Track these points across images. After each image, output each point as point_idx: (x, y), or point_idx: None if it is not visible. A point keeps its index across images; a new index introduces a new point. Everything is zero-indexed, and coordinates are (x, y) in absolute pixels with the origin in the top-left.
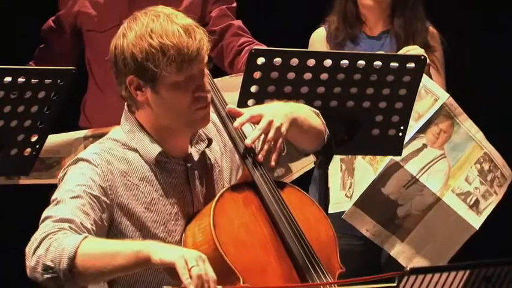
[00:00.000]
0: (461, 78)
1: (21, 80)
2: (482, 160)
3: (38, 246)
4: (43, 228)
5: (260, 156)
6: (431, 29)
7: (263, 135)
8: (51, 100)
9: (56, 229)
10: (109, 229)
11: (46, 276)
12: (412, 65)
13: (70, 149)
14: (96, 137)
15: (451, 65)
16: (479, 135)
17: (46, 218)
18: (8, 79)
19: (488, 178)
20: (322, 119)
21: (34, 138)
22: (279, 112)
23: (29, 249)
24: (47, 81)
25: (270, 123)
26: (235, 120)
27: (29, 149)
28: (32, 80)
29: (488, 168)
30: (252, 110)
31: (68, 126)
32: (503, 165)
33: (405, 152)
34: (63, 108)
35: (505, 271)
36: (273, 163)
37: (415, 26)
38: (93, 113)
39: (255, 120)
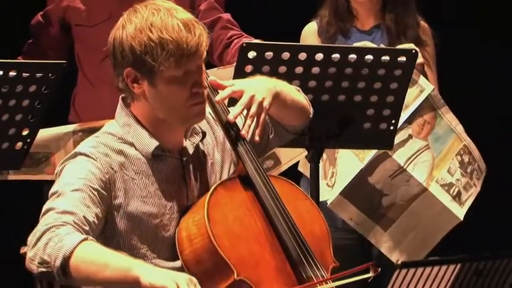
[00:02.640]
0: (452, 74)
1: (12, 73)
2: (462, 152)
3: (39, 238)
4: (46, 219)
5: (243, 132)
6: (423, 23)
7: (245, 111)
8: (42, 94)
9: (60, 222)
10: (104, 223)
11: (40, 269)
12: (403, 58)
13: (59, 143)
14: (86, 131)
15: (444, 60)
16: (459, 128)
17: (48, 209)
18: None
19: (468, 170)
20: (304, 94)
21: (25, 132)
22: (261, 87)
23: (30, 239)
24: (38, 75)
25: (252, 97)
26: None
27: (20, 143)
28: (23, 74)
29: (468, 160)
30: (234, 85)
31: (58, 120)
32: (479, 159)
33: None
34: (53, 102)
35: (496, 265)
36: (257, 138)
37: (406, 21)
38: (83, 108)
39: (236, 95)
